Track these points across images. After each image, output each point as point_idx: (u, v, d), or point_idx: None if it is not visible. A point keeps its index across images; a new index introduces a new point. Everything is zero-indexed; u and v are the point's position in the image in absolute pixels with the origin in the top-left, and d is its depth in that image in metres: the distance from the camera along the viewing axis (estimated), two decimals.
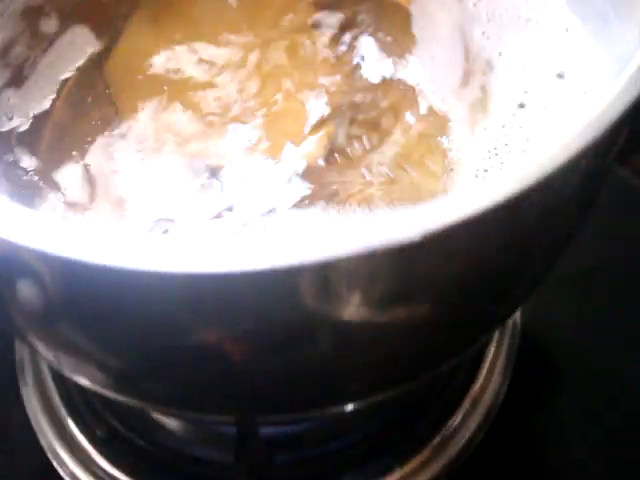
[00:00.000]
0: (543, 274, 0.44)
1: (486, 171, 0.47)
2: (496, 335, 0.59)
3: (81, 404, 0.56)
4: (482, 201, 0.31)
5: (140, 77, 0.54)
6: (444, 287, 0.36)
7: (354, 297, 0.34)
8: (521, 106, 0.49)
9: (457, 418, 0.57)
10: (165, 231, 0.46)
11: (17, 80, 0.53)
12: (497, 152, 0.48)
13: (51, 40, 0.55)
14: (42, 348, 0.42)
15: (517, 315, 0.60)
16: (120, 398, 0.44)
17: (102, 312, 0.35)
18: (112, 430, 0.56)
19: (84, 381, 0.43)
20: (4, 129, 0.51)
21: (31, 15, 0.56)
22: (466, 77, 0.51)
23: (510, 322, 0.60)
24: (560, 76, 0.50)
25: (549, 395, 0.60)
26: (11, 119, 0.51)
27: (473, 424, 0.57)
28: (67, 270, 0.32)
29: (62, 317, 0.36)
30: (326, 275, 0.32)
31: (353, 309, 0.35)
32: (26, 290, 0.35)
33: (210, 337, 0.36)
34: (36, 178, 0.49)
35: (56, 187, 0.49)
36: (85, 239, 0.30)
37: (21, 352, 0.58)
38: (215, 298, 0.33)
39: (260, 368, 0.38)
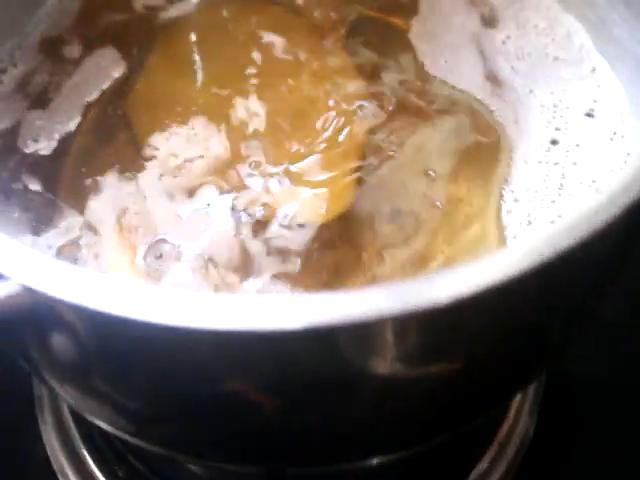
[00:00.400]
0: (575, 333, 0.44)
1: (529, 215, 0.47)
2: None
3: (102, 443, 0.55)
4: (513, 266, 0.31)
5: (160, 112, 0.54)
6: (479, 348, 0.36)
7: (388, 355, 0.34)
8: (554, 143, 0.50)
9: (485, 463, 0.56)
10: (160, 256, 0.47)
11: (42, 102, 0.53)
12: (536, 190, 0.48)
13: (76, 63, 0.55)
14: (63, 392, 0.42)
15: None
16: (142, 444, 0.44)
17: (133, 364, 0.35)
18: (133, 470, 0.55)
19: (106, 425, 0.43)
20: (29, 150, 0.51)
21: (50, 45, 0.56)
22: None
23: None
24: (590, 115, 0.51)
25: (576, 437, 0.59)
26: (37, 141, 0.51)
27: (501, 468, 0.56)
28: (100, 323, 0.32)
29: (90, 367, 0.36)
30: (362, 334, 0.32)
31: (387, 366, 0.35)
32: (56, 340, 0.35)
33: (242, 390, 0.35)
34: (54, 198, 0.50)
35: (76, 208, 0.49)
36: (119, 294, 0.30)
37: (40, 390, 0.57)
38: (247, 354, 0.33)
39: (291, 422, 0.38)
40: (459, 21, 0.56)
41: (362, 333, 0.32)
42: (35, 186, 0.49)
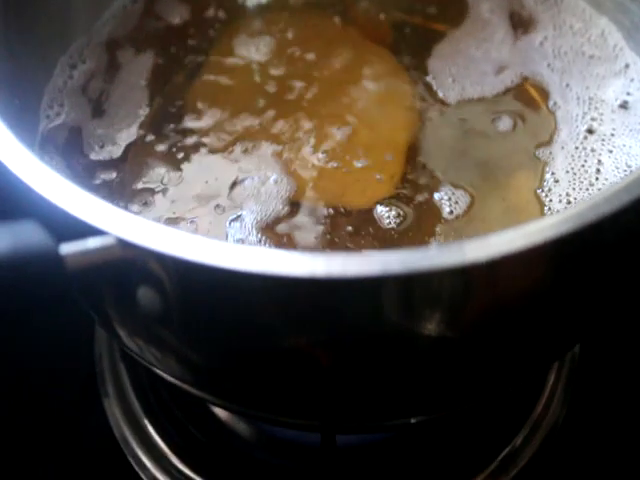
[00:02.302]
0: (611, 307, 0.47)
1: (568, 195, 0.51)
2: (556, 363, 0.61)
3: (162, 413, 0.59)
4: (553, 229, 0.34)
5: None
6: (517, 310, 0.39)
7: (434, 312, 0.38)
8: (590, 132, 0.53)
9: (518, 440, 0.59)
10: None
11: (98, 112, 0.57)
12: (575, 172, 0.51)
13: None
14: (131, 343, 0.46)
15: None
16: (201, 394, 0.47)
17: (206, 313, 0.38)
18: (191, 437, 0.58)
19: (167, 375, 0.47)
20: (99, 157, 0.54)
21: (114, 45, 0.60)
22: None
23: None
24: (623, 107, 0.54)
25: (607, 421, 0.61)
26: (102, 147, 0.55)
27: (533, 447, 0.59)
28: (182, 271, 0.36)
29: (165, 317, 0.39)
30: (411, 287, 0.35)
31: (432, 324, 0.38)
32: (140, 290, 0.38)
33: (303, 341, 0.39)
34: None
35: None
36: (201, 245, 0.34)
37: (101, 364, 0.61)
38: (312, 302, 0.36)
39: (343, 375, 0.41)
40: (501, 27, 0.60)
41: (409, 287, 0.35)
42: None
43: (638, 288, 0.46)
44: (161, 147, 0.55)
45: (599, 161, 0.51)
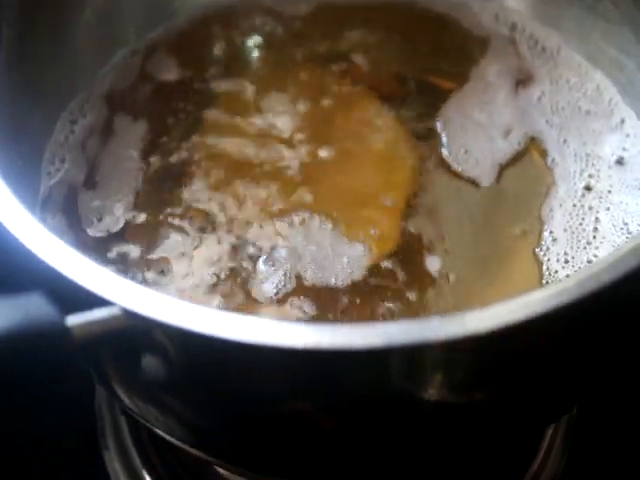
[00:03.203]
0: (607, 372, 0.47)
1: (566, 254, 0.51)
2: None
3: (161, 468, 0.59)
4: (550, 302, 0.35)
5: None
6: (513, 378, 0.40)
7: (436, 380, 0.38)
8: (587, 189, 0.54)
9: None
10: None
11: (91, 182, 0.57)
12: (573, 231, 0.52)
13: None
14: (131, 404, 0.46)
15: None
16: (199, 454, 0.48)
17: (207, 381, 0.39)
18: None
19: (166, 435, 0.47)
20: (99, 234, 0.54)
21: (114, 99, 0.61)
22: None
23: None
24: (620, 162, 0.55)
25: (606, 475, 0.61)
26: (100, 220, 0.55)
27: None
28: (185, 341, 0.36)
29: (168, 383, 0.40)
30: (411, 358, 0.36)
31: (434, 390, 0.39)
32: (143, 358, 0.38)
33: (302, 409, 0.39)
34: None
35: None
36: (204, 316, 0.35)
37: (102, 417, 0.61)
38: (310, 373, 0.37)
39: (346, 440, 0.42)
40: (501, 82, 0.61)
41: (411, 357, 0.36)
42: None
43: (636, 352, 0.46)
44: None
45: (597, 219, 0.52)
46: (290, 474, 0.46)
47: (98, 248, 0.53)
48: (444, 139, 0.58)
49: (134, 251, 0.53)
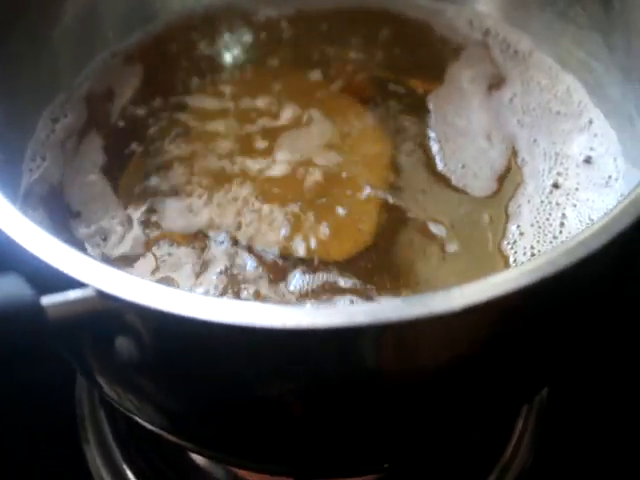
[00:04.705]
0: (575, 352, 0.49)
1: (532, 248, 0.52)
2: (524, 408, 0.63)
3: (140, 459, 0.60)
4: (516, 282, 0.36)
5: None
6: (485, 357, 0.41)
7: (400, 361, 0.39)
8: (555, 186, 0.55)
9: None
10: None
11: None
12: (540, 225, 0.53)
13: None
14: (110, 391, 0.47)
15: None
16: (176, 440, 0.48)
17: (181, 364, 0.40)
18: None
19: (144, 422, 0.48)
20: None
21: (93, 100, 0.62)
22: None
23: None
24: (587, 161, 0.56)
25: (576, 466, 0.62)
26: (105, 240, 0.55)
27: None
28: (159, 321, 0.37)
29: (143, 366, 0.41)
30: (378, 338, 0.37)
31: (399, 372, 0.40)
32: (118, 341, 0.39)
33: (275, 390, 0.40)
34: None
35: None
36: (177, 297, 0.36)
37: (82, 409, 0.62)
38: (280, 352, 0.38)
39: (315, 423, 0.43)
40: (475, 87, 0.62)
41: (374, 338, 0.37)
42: None
43: (601, 334, 0.48)
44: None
45: (563, 215, 0.53)
46: (261, 458, 0.47)
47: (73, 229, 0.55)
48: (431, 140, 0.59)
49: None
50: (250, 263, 0.52)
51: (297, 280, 0.51)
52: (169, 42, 0.66)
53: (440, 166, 0.57)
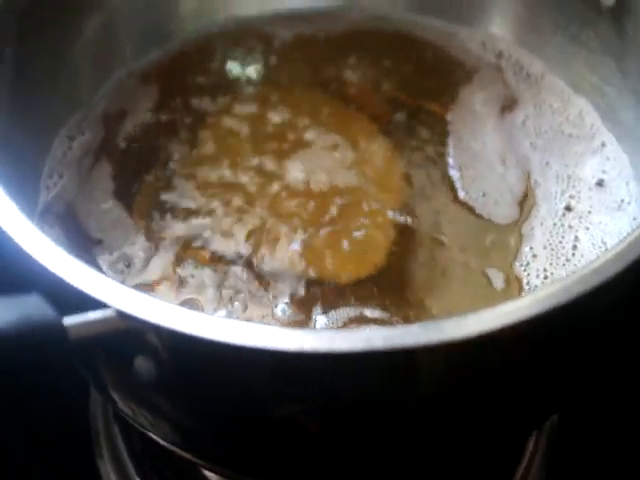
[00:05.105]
0: (588, 378, 0.49)
1: (545, 270, 0.53)
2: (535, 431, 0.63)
3: (154, 475, 0.60)
4: (529, 310, 0.37)
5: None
6: (497, 382, 0.42)
7: (416, 385, 0.40)
8: (568, 209, 0.56)
9: None
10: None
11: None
12: (552, 248, 0.54)
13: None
14: (126, 408, 0.48)
15: None
16: (195, 460, 0.49)
17: (199, 383, 0.41)
18: None
19: (158, 438, 0.49)
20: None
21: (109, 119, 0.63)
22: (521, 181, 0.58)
23: None
24: (600, 184, 0.57)
25: None
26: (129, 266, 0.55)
27: None
28: (177, 342, 0.38)
29: (160, 385, 0.42)
30: (401, 361, 0.38)
31: (414, 396, 0.40)
32: (137, 360, 0.40)
33: (291, 411, 0.41)
34: None
35: None
36: (196, 319, 0.37)
37: (96, 425, 0.62)
38: (298, 375, 0.38)
39: (332, 443, 0.43)
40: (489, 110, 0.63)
41: (391, 362, 0.37)
42: None
43: (613, 360, 0.48)
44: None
45: (576, 237, 0.54)
46: (277, 476, 0.48)
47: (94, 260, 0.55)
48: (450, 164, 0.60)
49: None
50: (262, 284, 0.53)
51: (315, 303, 0.52)
52: (184, 62, 0.66)
53: (462, 194, 0.58)
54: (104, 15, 0.64)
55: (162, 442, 0.49)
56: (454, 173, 0.59)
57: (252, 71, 0.67)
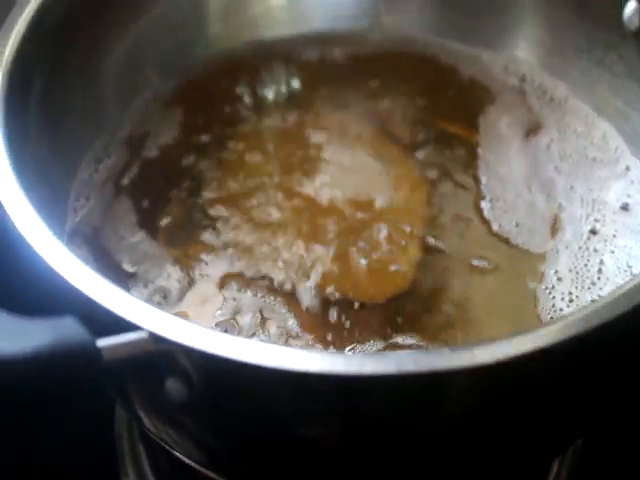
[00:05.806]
0: (612, 405, 0.50)
1: (570, 294, 0.53)
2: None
3: None
4: (553, 336, 0.37)
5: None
6: (520, 407, 0.42)
7: (444, 408, 0.40)
8: (593, 232, 0.56)
9: None
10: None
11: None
12: (577, 271, 0.54)
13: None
14: (151, 426, 0.48)
15: None
16: (217, 477, 0.50)
17: (227, 402, 0.41)
18: None
19: (182, 456, 0.49)
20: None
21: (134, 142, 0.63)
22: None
23: None
24: (624, 208, 0.57)
25: None
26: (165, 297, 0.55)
27: None
28: (207, 364, 0.38)
29: (189, 405, 0.42)
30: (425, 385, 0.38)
31: (442, 418, 0.41)
32: (167, 381, 0.41)
33: (322, 433, 0.42)
34: None
35: None
36: (225, 341, 0.37)
37: (121, 444, 0.63)
38: (323, 396, 0.39)
39: (355, 462, 0.44)
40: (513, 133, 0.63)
41: (422, 385, 0.38)
42: None
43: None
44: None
45: (601, 261, 0.54)
46: None
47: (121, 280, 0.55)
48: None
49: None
50: (292, 305, 0.53)
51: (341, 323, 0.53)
52: (210, 85, 0.67)
53: (495, 227, 0.58)
54: (131, 38, 0.65)
55: (187, 460, 0.49)
56: (485, 205, 0.59)
57: (278, 93, 0.68)
